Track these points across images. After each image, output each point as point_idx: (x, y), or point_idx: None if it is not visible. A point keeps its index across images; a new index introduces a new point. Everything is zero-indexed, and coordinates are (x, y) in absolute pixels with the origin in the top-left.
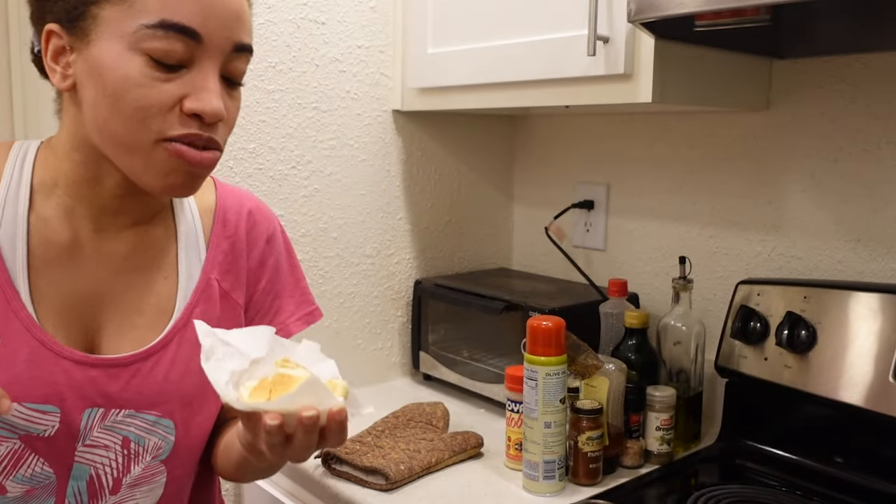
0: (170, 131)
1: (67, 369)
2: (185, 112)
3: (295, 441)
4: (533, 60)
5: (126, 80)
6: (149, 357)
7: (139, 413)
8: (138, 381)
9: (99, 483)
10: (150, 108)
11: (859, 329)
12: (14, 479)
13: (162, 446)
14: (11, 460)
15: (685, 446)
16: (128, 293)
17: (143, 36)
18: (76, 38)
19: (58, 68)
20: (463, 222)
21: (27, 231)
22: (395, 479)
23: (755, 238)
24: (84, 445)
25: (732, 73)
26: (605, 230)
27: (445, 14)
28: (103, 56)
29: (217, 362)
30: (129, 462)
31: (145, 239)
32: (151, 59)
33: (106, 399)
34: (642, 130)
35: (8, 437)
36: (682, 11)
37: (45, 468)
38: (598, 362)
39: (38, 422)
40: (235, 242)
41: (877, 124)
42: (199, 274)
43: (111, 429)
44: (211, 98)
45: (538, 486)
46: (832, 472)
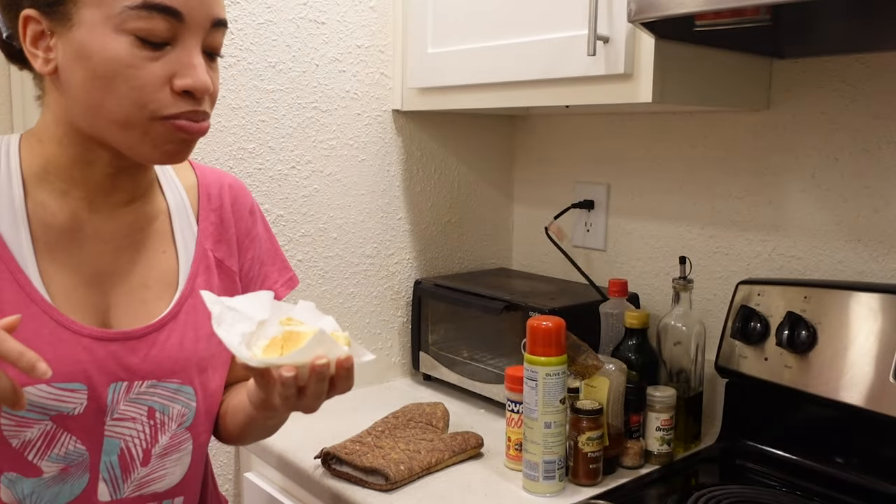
0: (165, 110)
1: (88, 346)
2: (175, 90)
3: (308, 391)
4: (533, 60)
5: (116, 61)
6: (162, 327)
7: (161, 382)
8: (156, 352)
9: (130, 455)
10: (143, 87)
11: (859, 329)
12: (49, 459)
13: (186, 413)
14: (45, 441)
15: (685, 446)
16: (132, 269)
17: (127, 17)
18: (56, 22)
19: (39, 53)
20: (463, 222)
21: (27, 218)
22: (395, 480)
23: (755, 238)
24: (112, 419)
25: (732, 73)
26: (605, 230)
27: (445, 14)
28: (88, 39)
29: (227, 327)
30: (156, 432)
31: (140, 216)
32: (137, 38)
33: (128, 372)
34: (642, 130)
35: (39, 419)
36: (682, 11)
37: (77, 445)
38: (598, 362)
39: (68, 400)
40: (222, 214)
41: (877, 124)
42: (195, 246)
43: (136, 401)
44: (198, 74)
45: (538, 486)
46: (832, 473)
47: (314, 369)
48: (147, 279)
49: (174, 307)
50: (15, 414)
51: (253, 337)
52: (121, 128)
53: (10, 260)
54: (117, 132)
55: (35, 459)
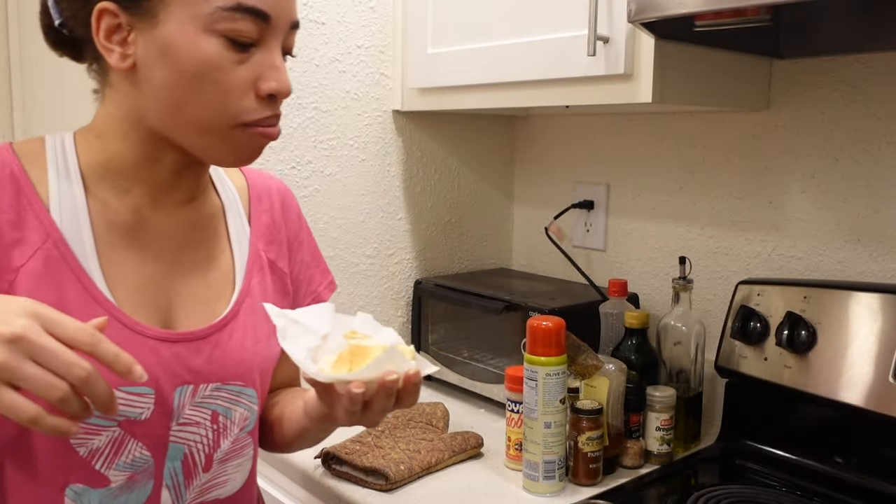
0: (248, 116)
1: (154, 348)
2: (260, 94)
3: (374, 405)
4: (533, 60)
5: (206, 62)
6: (224, 328)
7: (225, 385)
8: (219, 353)
9: (193, 461)
10: (231, 91)
11: (859, 329)
12: (116, 468)
13: (248, 417)
14: (112, 448)
15: (685, 446)
16: (193, 268)
17: (218, 18)
18: (139, 17)
19: (115, 48)
20: (463, 222)
21: (89, 216)
22: (395, 480)
23: (755, 238)
24: (178, 424)
25: (732, 73)
26: (605, 230)
27: (445, 14)
28: (177, 37)
29: (292, 340)
30: (219, 437)
31: (199, 214)
32: (227, 39)
33: (193, 374)
34: (642, 130)
35: (108, 426)
36: (683, 11)
37: (143, 452)
38: (598, 362)
39: (135, 405)
40: (273, 216)
41: (877, 124)
42: (248, 246)
43: (201, 404)
44: (283, 77)
45: (538, 486)
46: (832, 472)
47: (384, 385)
48: (207, 278)
49: (234, 307)
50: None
51: (318, 351)
52: (200, 131)
53: (72, 260)
54: (194, 134)
55: (103, 468)
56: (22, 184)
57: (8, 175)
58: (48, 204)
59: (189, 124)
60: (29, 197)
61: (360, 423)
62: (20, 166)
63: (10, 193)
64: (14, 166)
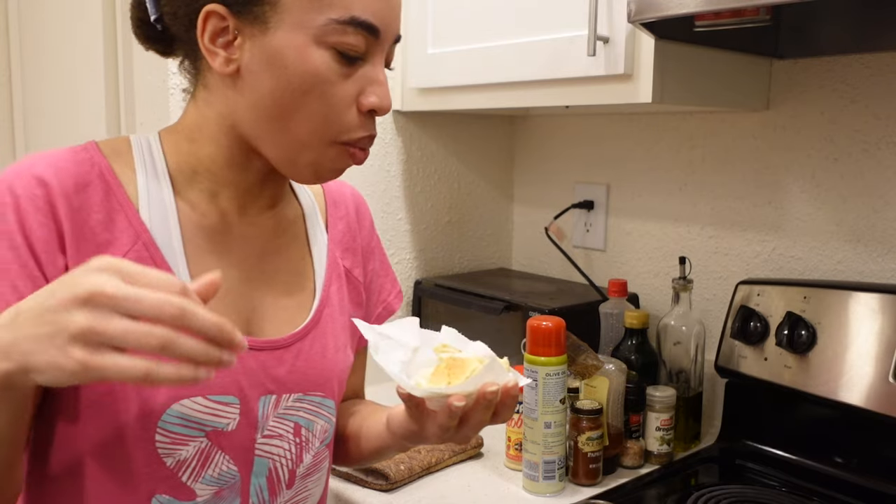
0: (348, 134)
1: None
2: (362, 110)
3: (471, 420)
4: (533, 60)
5: (315, 75)
6: (305, 336)
7: (306, 395)
8: (301, 362)
9: (277, 477)
10: (336, 105)
11: (859, 329)
12: (203, 481)
13: (328, 429)
14: (199, 460)
15: (685, 446)
16: (274, 275)
17: (330, 30)
18: (248, 23)
19: (220, 51)
20: (463, 222)
21: (178, 219)
22: (395, 479)
23: (755, 238)
24: (262, 437)
25: (732, 73)
26: (605, 230)
27: (445, 14)
28: (286, 47)
29: (385, 355)
30: (301, 451)
31: (281, 220)
32: (337, 52)
33: (276, 384)
34: (642, 130)
35: (195, 436)
36: (682, 11)
37: (230, 466)
38: (598, 362)
39: (222, 415)
40: (349, 223)
41: (877, 124)
42: (326, 252)
43: (284, 416)
44: (386, 92)
45: (538, 486)
46: (832, 473)
47: (484, 397)
48: (289, 285)
49: (315, 315)
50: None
51: (410, 365)
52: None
53: (162, 262)
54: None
55: (189, 481)
56: (111, 183)
57: (97, 174)
58: (137, 204)
59: (284, 135)
60: (118, 197)
61: (451, 440)
62: (108, 165)
63: (100, 193)
64: (102, 165)
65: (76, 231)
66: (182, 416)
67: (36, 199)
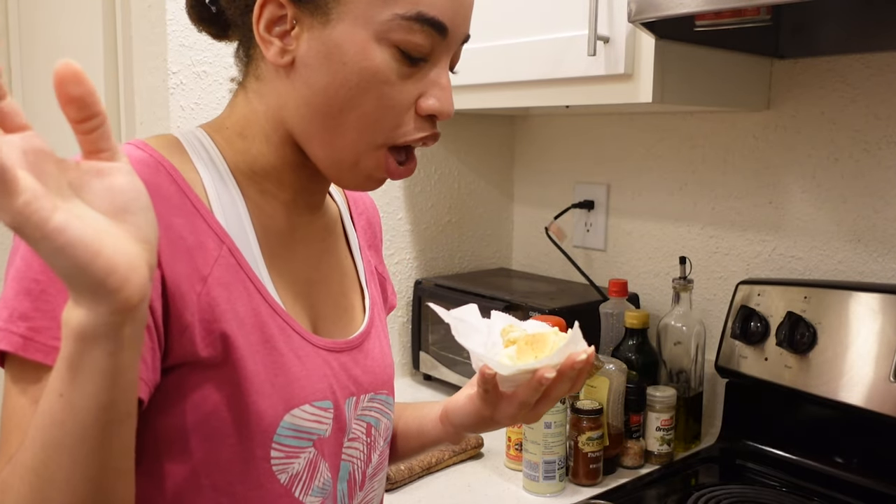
0: (403, 137)
1: (327, 360)
2: (420, 113)
3: (552, 393)
4: (533, 60)
5: (374, 74)
6: (368, 335)
7: (377, 395)
8: (371, 362)
9: (353, 480)
10: (392, 108)
11: (860, 329)
12: (312, 494)
13: (389, 427)
14: (309, 472)
15: (685, 446)
16: (331, 275)
17: (395, 27)
18: (308, 13)
19: (275, 41)
20: (463, 222)
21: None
22: (395, 479)
23: (755, 238)
24: (348, 440)
25: (732, 73)
26: (605, 230)
27: None
28: (347, 41)
29: (466, 338)
30: (371, 451)
31: (328, 219)
32: (399, 51)
33: (356, 385)
34: (642, 130)
35: (305, 447)
36: (683, 11)
37: (328, 474)
38: (598, 363)
39: (323, 420)
40: (369, 219)
41: (877, 124)
42: (361, 250)
43: (361, 417)
44: (448, 97)
45: (538, 486)
46: (832, 473)
47: (571, 366)
48: (342, 286)
49: (370, 314)
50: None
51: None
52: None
53: (247, 267)
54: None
55: (301, 496)
56: (181, 185)
57: (165, 175)
58: (210, 206)
59: (333, 134)
60: (191, 199)
61: (524, 420)
62: (173, 167)
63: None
64: (167, 166)
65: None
66: (294, 427)
67: None
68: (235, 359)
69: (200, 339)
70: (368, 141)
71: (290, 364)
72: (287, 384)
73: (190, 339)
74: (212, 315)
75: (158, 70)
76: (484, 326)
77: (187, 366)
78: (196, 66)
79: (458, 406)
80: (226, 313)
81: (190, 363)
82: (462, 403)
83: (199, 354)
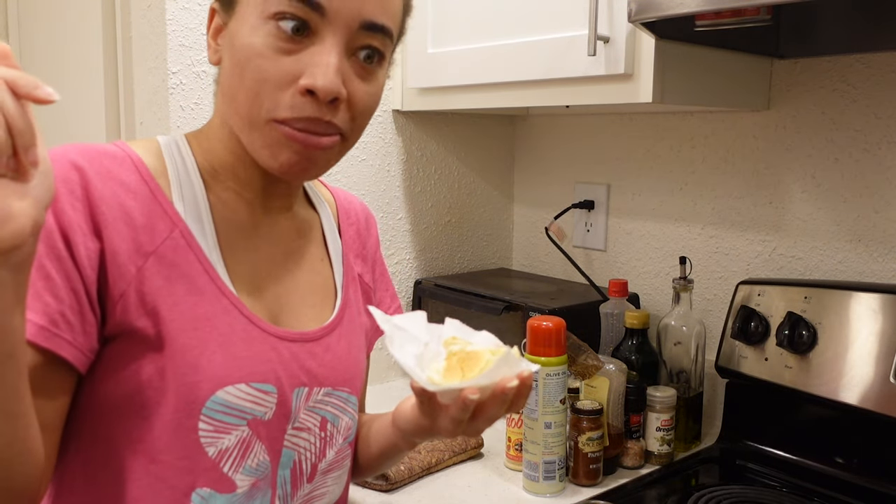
0: (279, 113)
1: (275, 346)
2: (298, 90)
3: (485, 412)
4: (533, 60)
5: (251, 48)
6: (332, 332)
7: (335, 391)
8: (330, 357)
9: (300, 470)
10: (266, 81)
11: (860, 329)
12: (243, 472)
13: (351, 426)
14: (240, 450)
15: (685, 447)
16: (298, 273)
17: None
18: (227, 13)
19: (212, 44)
20: (463, 222)
21: (210, 213)
22: (395, 480)
23: (755, 238)
24: (293, 428)
25: (732, 73)
26: (605, 230)
27: (445, 14)
28: (241, 26)
29: (399, 348)
30: (325, 445)
31: (299, 223)
32: (276, 26)
33: (309, 376)
34: (642, 130)
35: (238, 424)
36: (683, 11)
37: (265, 457)
38: (598, 363)
39: (262, 403)
40: (359, 230)
41: (877, 124)
42: (342, 257)
43: (313, 409)
44: (327, 73)
45: (538, 486)
46: (832, 473)
47: (502, 391)
48: (312, 285)
49: (339, 312)
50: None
51: (422, 359)
52: (246, 126)
53: (199, 252)
54: (244, 131)
55: (230, 472)
56: (143, 173)
57: (130, 164)
58: (171, 196)
59: (238, 116)
60: (151, 186)
61: (463, 434)
62: (140, 159)
63: (134, 181)
64: (135, 159)
65: (112, 215)
66: (225, 403)
67: (69, 183)
68: (165, 332)
69: (134, 309)
70: (255, 115)
71: (230, 344)
72: (223, 362)
73: (124, 308)
74: (147, 288)
75: (158, 70)
76: (426, 335)
77: (125, 337)
78: (196, 66)
79: (404, 413)
80: (162, 289)
81: (127, 333)
82: (406, 410)
83: (133, 324)
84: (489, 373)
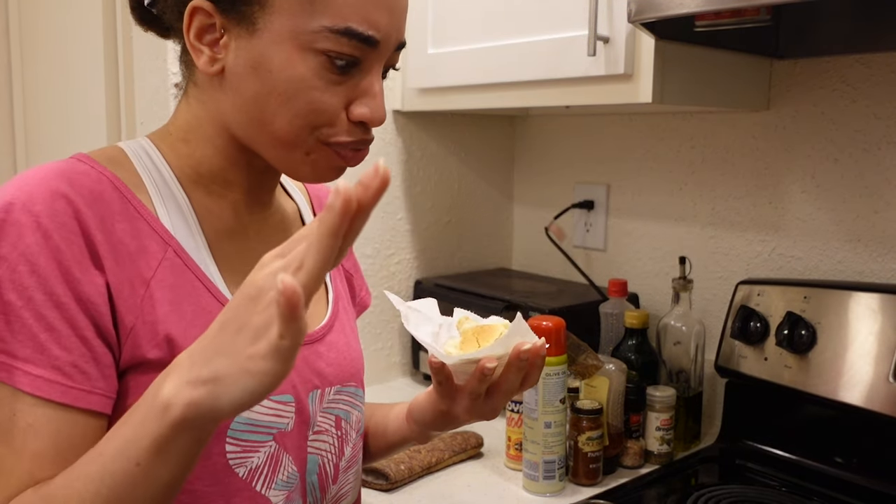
0: (336, 138)
1: None
2: (352, 119)
3: (502, 386)
4: (533, 60)
5: (301, 81)
6: (331, 329)
7: (344, 388)
8: (334, 354)
9: (325, 473)
10: (323, 112)
11: (859, 329)
12: (275, 487)
13: (360, 419)
14: (270, 466)
15: (685, 446)
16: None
17: (322, 38)
18: (235, 22)
19: (205, 49)
20: (463, 222)
21: (198, 223)
22: (396, 479)
23: (755, 238)
24: (313, 433)
25: (732, 73)
26: (605, 230)
27: (445, 14)
28: (273, 51)
29: (416, 326)
30: (343, 444)
31: (283, 216)
32: (328, 59)
33: (320, 378)
34: (642, 130)
35: (264, 441)
36: (683, 11)
37: (293, 468)
38: (598, 362)
39: (282, 414)
40: None
41: (877, 124)
42: None
43: (328, 410)
44: (379, 105)
45: (538, 486)
46: (832, 472)
47: (518, 357)
48: None
49: (333, 307)
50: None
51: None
52: (283, 146)
53: (195, 268)
54: (278, 149)
55: (263, 489)
56: (123, 192)
57: (107, 183)
58: (155, 211)
59: (274, 139)
60: (134, 204)
61: (481, 415)
62: (115, 175)
63: (116, 202)
64: (109, 176)
65: (108, 243)
66: (250, 421)
67: (59, 215)
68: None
69: (145, 341)
70: (304, 139)
71: None
72: None
73: (135, 341)
74: (155, 317)
75: (158, 70)
76: (439, 319)
77: (139, 368)
78: None
79: (420, 403)
80: (170, 315)
81: (141, 365)
82: (422, 400)
83: (146, 356)
84: (503, 340)
